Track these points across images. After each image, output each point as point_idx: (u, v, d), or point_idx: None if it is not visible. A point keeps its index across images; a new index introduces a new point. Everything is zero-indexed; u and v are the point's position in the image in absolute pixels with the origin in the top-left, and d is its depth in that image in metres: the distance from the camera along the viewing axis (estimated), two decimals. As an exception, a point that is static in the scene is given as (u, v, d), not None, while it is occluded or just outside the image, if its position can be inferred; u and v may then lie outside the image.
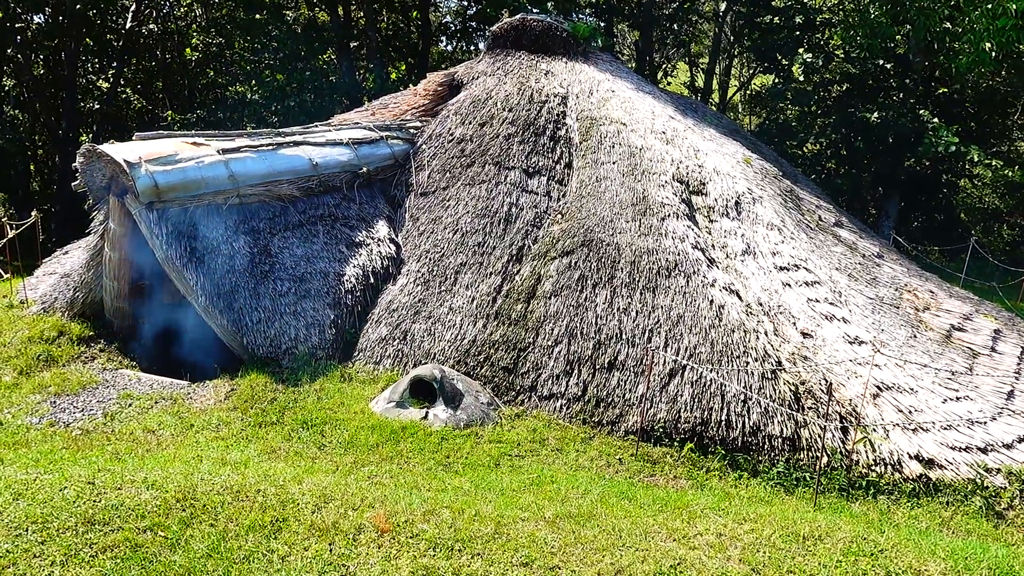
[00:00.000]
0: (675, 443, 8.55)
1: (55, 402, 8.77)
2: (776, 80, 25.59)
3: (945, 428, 8.64)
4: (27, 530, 4.93)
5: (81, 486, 5.53)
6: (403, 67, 29.39)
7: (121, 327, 10.53)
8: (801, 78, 24.05)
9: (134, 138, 10.54)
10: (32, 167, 26.61)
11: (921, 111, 20.88)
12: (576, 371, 9.25)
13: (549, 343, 9.52)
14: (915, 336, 10.70)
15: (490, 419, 8.75)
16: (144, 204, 9.56)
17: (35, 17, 24.50)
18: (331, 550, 5.08)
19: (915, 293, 11.96)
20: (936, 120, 20.39)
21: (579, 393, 9.09)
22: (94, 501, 5.32)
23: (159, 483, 5.70)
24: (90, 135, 25.30)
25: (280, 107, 24.86)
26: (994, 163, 22.65)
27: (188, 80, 27.76)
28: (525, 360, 9.48)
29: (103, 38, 25.76)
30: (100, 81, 26.43)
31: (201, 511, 5.40)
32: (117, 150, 9.71)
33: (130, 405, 8.83)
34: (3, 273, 12.70)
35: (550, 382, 9.24)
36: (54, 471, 5.90)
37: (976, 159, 20.04)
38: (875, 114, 20.95)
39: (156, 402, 8.93)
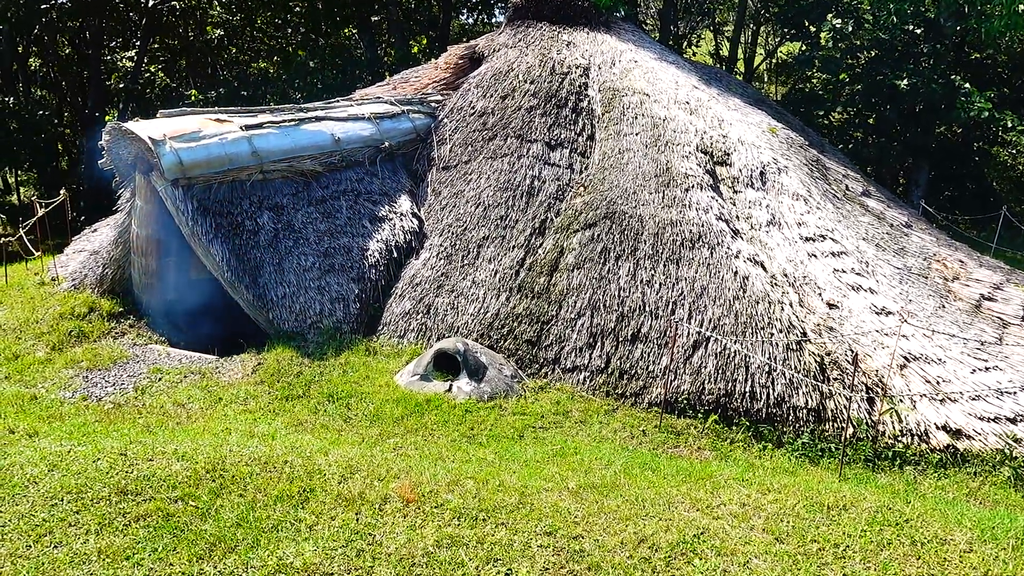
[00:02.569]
0: (699, 415, 8.55)
1: (87, 377, 8.95)
2: (803, 48, 25.10)
3: (973, 398, 8.54)
4: (62, 500, 5.06)
5: (114, 457, 5.65)
6: (424, 41, 29.22)
7: (150, 303, 10.68)
8: (829, 44, 23.54)
9: (158, 115, 10.63)
10: (60, 146, 26.91)
11: (953, 77, 20.39)
12: (599, 343, 9.25)
13: (572, 316, 9.53)
14: (944, 306, 10.55)
15: (514, 392, 8.79)
16: (170, 181, 9.65)
17: (60, -4, 24.66)
18: (357, 519, 5.16)
19: (944, 263, 11.78)
20: (968, 86, 19.91)
21: (602, 365, 9.10)
22: (126, 472, 5.44)
23: (189, 455, 5.81)
24: (115, 114, 25.52)
25: (302, 83, 24.88)
26: (1029, 129, 22.09)
27: (211, 57, 27.84)
28: (548, 333, 9.49)
29: (126, 16, 25.88)
30: (124, 60, 26.59)
31: (230, 482, 5.50)
32: (142, 128, 9.80)
33: (160, 379, 8.99)
34: (34, 251, 12.92)
35: (573, 355, 9.25)
36: (88, 443, 6.04)
37: (1010, 125, 19.56)
38: (905, 81, 20.49)
39: (185, 376, 9.08)
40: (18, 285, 11.78)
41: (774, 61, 32.74)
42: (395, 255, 10.75)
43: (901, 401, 8.38)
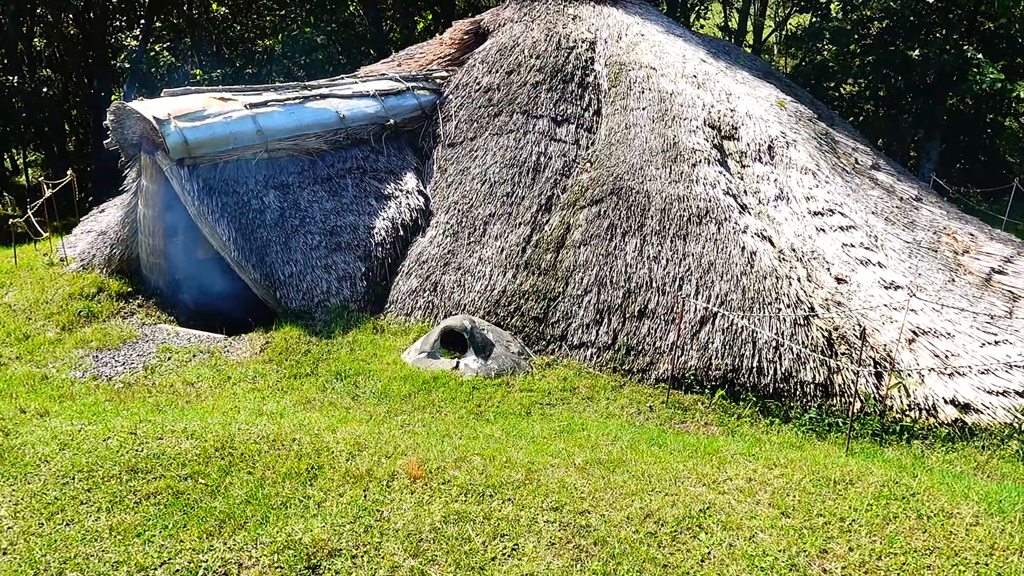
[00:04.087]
0: (706, 390, 8.56)
1: (97, 356, 9.01)
2: (814, 19, 24.77)
3: (982, 372, 8.52)
4: (74, 478, 5.11)
5: (124, 436, 5.70)
6: (429, 16, 28.98)
7: (158, 282, 10.73)
8: (840, 16, 23.23)
9: (162, 95, 10.60)
10: (67, 126, 26.91)
11: (965, 47, 20.10)
12: (606, 320, 9.25)
13: (579, 292, 9.52)
14: (953, 280, 10.49)
15: (521, 368, 8.81)
16: (175, 160, 9.65)
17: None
18: (365, 496, 5.20)
19: (954, 236, 11.69)
20: (980, 56, 19.63)
21: (609, 342, 9.11)
22: (136, 450, 5.49)
23: (198, 433, 5.86)
24: (121, 93, 25.46)
25: (307, 60, 24.74)
26: (1042, 100, 21.78)
27: (216, 35, 27.68)
28: (555, 310, 9.49)
29: (131, -6, 25.77)
30: (129, 39, 26.48)
31: (239, 459, 5.54)
32: (147, 107, 9.78)
33: (169, 359, 9.04)
34: (42, 232, 12.97)
35: (580, 331, 9.26)
36: (98, 422, 6.09)
37: (1023, 96, 19.30)
38: (916, 51, 20.22)
39: (194, 355, 9.13)
40: (27, 266, 11.83)
41: (784, 33, 32.33)
42: (401, 233, 10.75)
43: (909, 375, 8.37)
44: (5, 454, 5.39)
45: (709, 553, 4.80)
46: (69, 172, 12.96)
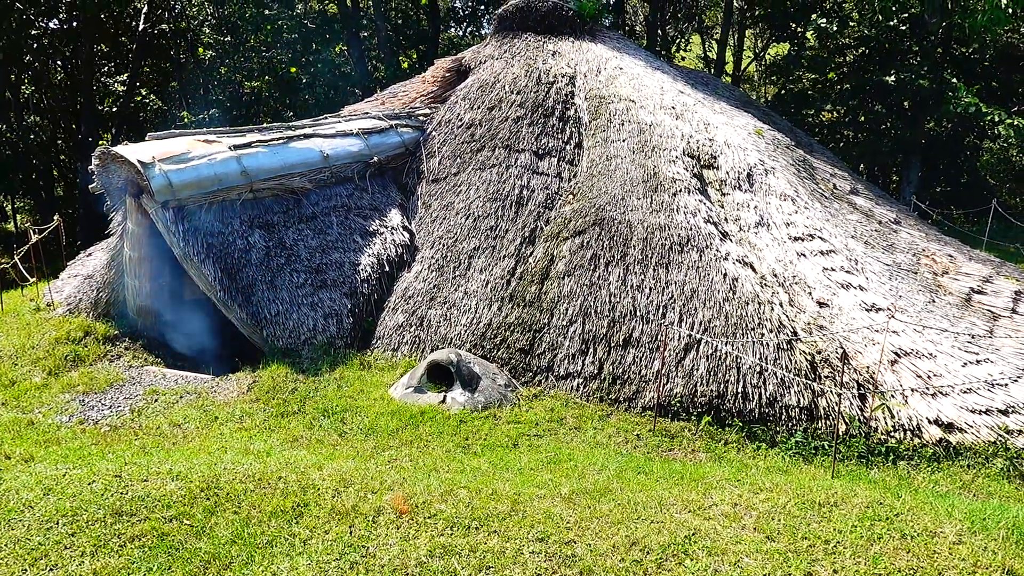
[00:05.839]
0: (692, 417, 8.60)
1: (84, 400, 8.99)
2: (791, 48, 25.25)
3: (965, 392, 8.59)
4: (57, 523, 5.10)
5: (109, 479, 5.70)
6: (414, 55, 29.41)
7: (144, 325, 10.74)
8: (816, 44, 23.71)
9: (147, 138, 10.71)
10: (55, 172, 27.03)
11: (940, 72, 20.51)
12: (592, 350, 9.31)
13: (564, 323, 9.58)
14: (934, 301, 10.61)
15: (508, 400, 8.84)
16: (160, 203, 9.73)
17: (50, 23, 24.81)
18: (351, 532, 5.20)
19: (933, 258, 11.84)
20: (955, 80, 20.02)
21: (595, 371, 9.15)
22: (121, 493, 5.49)
23: (184, 474, 5.86)
24: (109, 138, 25.63)
25: (294, 100, 25.00)
26: (1016, 122, 22.20)
27: (203, 78, 27.99)
28: (541, 341, 9.55)
29: (117, 40, 26.04)
30: (116, 84, 26.75)
31: (225, 499, 5.54)
32: (131, 151, 9.88)
33: (156, 400, 9.03)
34: (29, 278, 12.99)
35: (566, 362, 9.31)
36: (83, 466, 6.09)
37: (997, 119, 19.66)
38: (892, 76, 20.62)
39: (181, 397, 9.13)
40: (14, 311, 11.84)
41: (763, 63, 32.89)
42: (387, 269, 10.82)
43: (893, 396, 8.43)
44: (-11, 501, 5.38)
45: (694, 579, 4.81)
46: (56, 217, 13.02)
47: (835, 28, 22.88)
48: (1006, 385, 8.76)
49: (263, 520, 5.32)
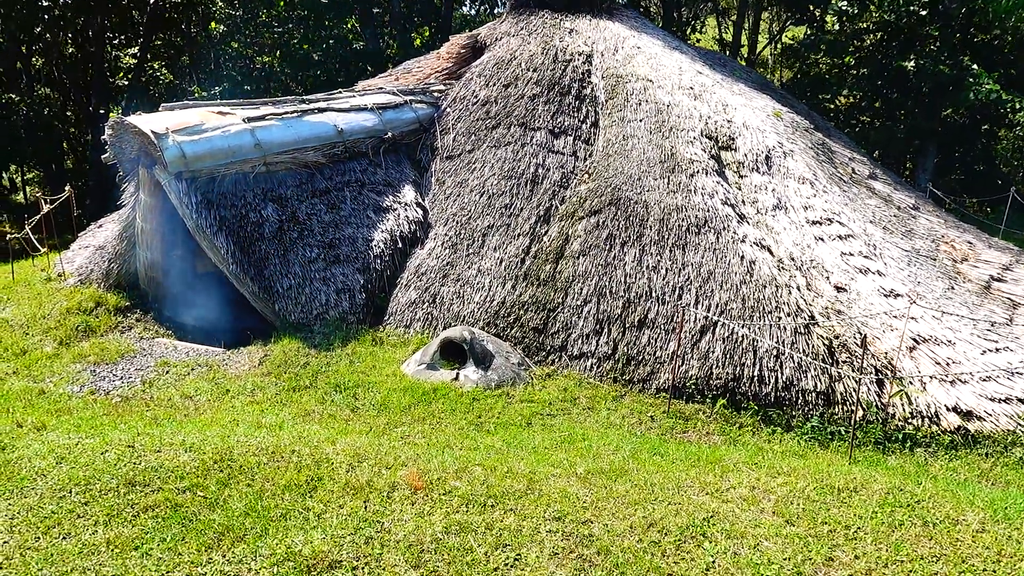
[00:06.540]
0: (707, 399, 8.51)
1: (95, 371, 8.96)
2: (808, 32, 24.90)
3: (984, 379, 8.48)
4: (71, 492, 5.06)
5: (121, 449, 5.65)
6: (427, 32, 29.12)
7: (156, 296, 10.69)
8: (836, 27, 23.36)
9: (160, 109, 10.61)
10: (65, 144, 26.95)
11: (961, 58, 20.19)
12: (606, 330, 9.22)
13: (578, 303, 9.49)
14: (953, 288, 10.47)
15: (521, 379, 8.77)
16: (173, 174, 9.64)
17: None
18: (366, 507, 5.15)
19: (952, 244, 11.69)
20: (976, 67, 19.71)
21: (609, 352, 9.07)
22: (134, 463, 5.44)
23: (197, 446, 5.81)
24: (119, 111, 25.52)
25: (306, 76, 24.81)
26: (1036, 110, 21.86)
27: (214, 53, 27.80)
28: (555, 320, 9.46)
29: (129, 13, 25.84)
30: (127, 57, 26.59)
31: (238, 472, 5.49)
32: (145, 121, 9.78)
33: (167, 372, 8.99)
34: (40, 248, 12.95)
35: (580, 341, 9.22)
36: (95, 436, 6.05)
37: (1018, 107, 19.37)
38: (912, 62, 20.30)
39: (192, 369, 9.09)
40: (25, 281, 11.80)
41: (779, 45, 32.51)
42: (400, 245, 10.73)
43: (911, 383, 8.33)
44: (1, 468, 5.34)
45: (714, 562, 4.75)
46: (67, 188, 12.95)
47: (855, 11, 22.54)
48: (1026, 374, 8.65)
49: (277, 493, 5.27)
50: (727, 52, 28.34)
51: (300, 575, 4.40)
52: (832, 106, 25.24)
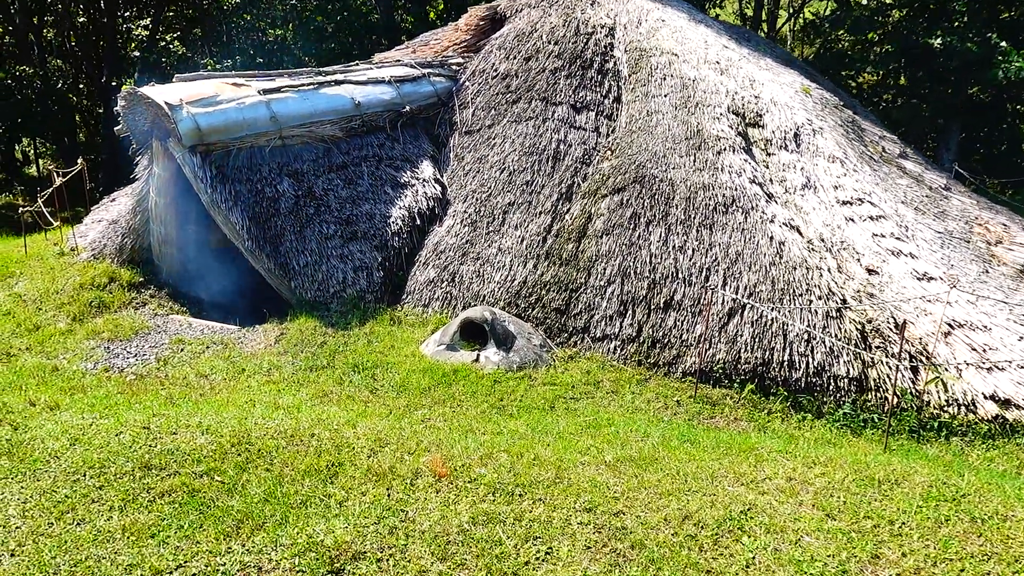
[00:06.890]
0: (735, 384, 8.28)
1: (108, 347, 8.80)
2: (832, 6, 24.31)
3: (1022, 367, 8.20)
4: (85, 475, 4.89)
5: (137, 431, 5.48)
6: (440, 5, 28.64)
7: (170, 272, 10.51)
8: (864, 2, 22.78)
9: (174, 80, 10.36)
10: (78, 116, 26.74)
11: (989, 35, 19.64)
12: (630, 312, 8.97)
13: (602, 283, 9.24)
14: (987, 271, 10.16)
15: (543, 361, 8.55)
16: (187, 147, 9.41)
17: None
18: (389, 495, 4.95)
19: (986, 226, 11.35)
20: (1004, 44, 19.17)
21: (633, 334, 8.83)
22: (150, 446, 5.27)
23: (214, 428, 5.63)
24: (131, 83, 25.25)
25: (318, 49, 24.45)
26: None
27: (227, 25, 27.43)
28: (577, 301, 9.22)
29: (141, -17, 25.53)
30: (139, 29, 26.26)
31: (256, 456, 5.31)
32: (158, 92, 9.54)
33: (182, 350, 8.82)
34: (52, 221, 12.77)
35: (603, 323, 8.99)
36: (110, 416, 5.88)
37: (1047, 84, 18.84)
38: (939, 40, 19.77)
39: (207, 347, 8.91)
40: (37, 256, 11.63)
41: (799, 21, 31.84)
42: (418, 222, 10.49)
43: (946, 370, 8.06)
44: (14, 449, 5.17)
45: (754, 558, 4.53)
46: (80, 161, 12.74)
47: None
48: (1065, 361, 8.37)
49: (296, 479, 5.08)
50: (748, 27, 27.74)
51: (323, 566, 4.21)
52: (855, 83, 24.73)
